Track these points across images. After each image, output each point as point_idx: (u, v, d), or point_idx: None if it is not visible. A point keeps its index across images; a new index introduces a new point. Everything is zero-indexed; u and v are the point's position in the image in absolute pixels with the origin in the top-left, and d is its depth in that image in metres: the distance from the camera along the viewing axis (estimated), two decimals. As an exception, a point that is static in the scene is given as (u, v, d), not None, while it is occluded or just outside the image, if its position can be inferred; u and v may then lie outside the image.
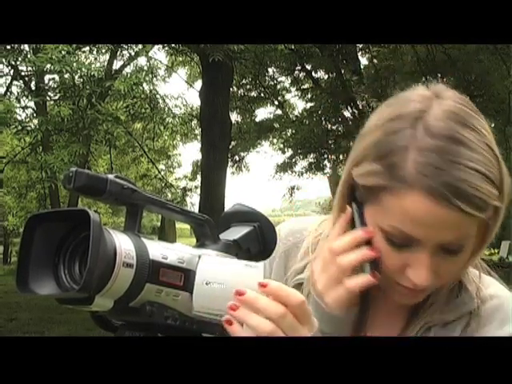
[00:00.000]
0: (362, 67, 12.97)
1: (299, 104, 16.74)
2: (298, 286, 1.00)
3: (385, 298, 0.97)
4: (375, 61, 12.42)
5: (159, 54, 18.30)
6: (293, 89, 14.77)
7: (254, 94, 14.44)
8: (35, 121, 9.20)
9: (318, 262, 0.95)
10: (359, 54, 13.06)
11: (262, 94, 14.36)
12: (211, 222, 0.79)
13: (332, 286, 0.92)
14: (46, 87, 9.82)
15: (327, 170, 14.75)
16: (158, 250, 0.70)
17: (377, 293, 0.95)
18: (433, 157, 0.81)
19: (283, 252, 1.04)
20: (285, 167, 14.83)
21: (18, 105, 9.69)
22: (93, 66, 8.40)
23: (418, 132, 0.83)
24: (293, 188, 15.39)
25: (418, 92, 0.89)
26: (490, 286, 1.01)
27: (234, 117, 14.42)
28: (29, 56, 8.18)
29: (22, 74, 10.52)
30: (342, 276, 0.91)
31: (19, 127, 8.72)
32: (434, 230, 0.84)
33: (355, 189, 0.91)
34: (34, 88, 10.51)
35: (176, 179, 19.91)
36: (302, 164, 14.57)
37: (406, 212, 0.84)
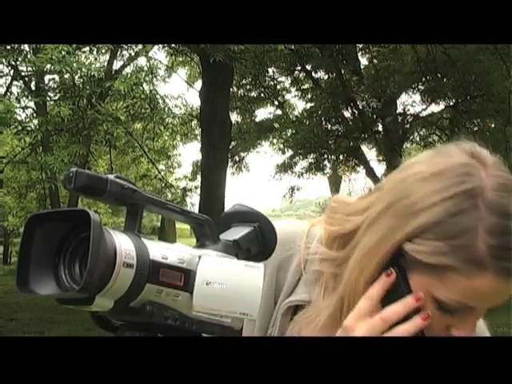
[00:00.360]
0: (362, 67, 12.97)
1: (299, 104, 16.74)
2: (289, 310, 0.99)
3: None
4: (375, 61, 12.42)
5: (159, 54, 18.30)
6: (293, 89, 14.77)
7: (254, 94, 14.44)
8: (35, 121, 9.21)
9: (363, 326, 0.88)
10: (359, 54, 13.06)
11: (262, 95, 14.36)
12: (211, 222, 0.79)
13: None
14: (46, 87, 9.82)
15: (327, 170, 14.75)
16: (158, 250, 0.70)
17: None
18: (504, 238, 0.82)
19: (274, 268, 1.01)
20: (285, 167, 14.83)
21: (18, 105, 9.69)
22: (93, 66, 8.40)
23: (482, 212, 0.82)
24: (293, 188, 15.39)
25: (459, 159, 0.87)
26: None
27: (234, 117, 14.43)
28: (29, 56, 8.19)
29: (22, 74, 10.52)
30: None
31: (19, 127, 8.72)
32: (488, 300, 0.86)
33: (399, 256, 0.88)
34: (34, 88, 10.51)
35: (176, 179, 19.90)
36: (301, 164, 14.58)
37: (473, 290, 0.83)
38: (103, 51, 10.72)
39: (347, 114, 13.01)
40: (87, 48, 9.38)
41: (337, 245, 0.97)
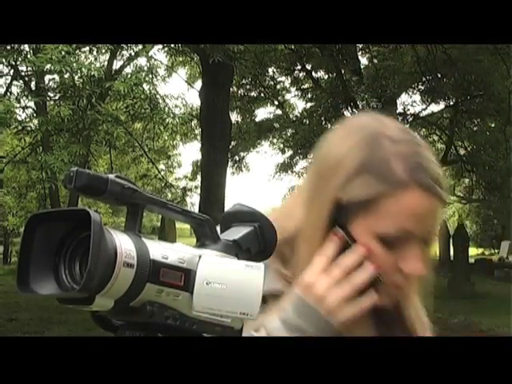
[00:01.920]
0: (362, 67, 12.97)
1: (299, 104, 16.74)
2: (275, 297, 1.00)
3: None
4: (375, 61, 12.42)
5: (159, 54, 18.30)
6: (293, 89, 14.78)
7: (254, 94, 14.45)
8: (35, 121, 9.20)
9: (324, 279, 0.96)
10: (359, 53, 13.06)
11: (262, 94, 14.36)
12: (211, 222, 0.79)
13: (346, 305, 0.95)
14: (46, 87, 9.82)
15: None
16: (158, 249, 0.70)
17: None
18: (413, 159, 0.96)
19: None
20: (285, 167, 14.84)
21: (18, 105, 9.69)
22: (92, 66, 8.39)
23: (387, 144, 0.97)
24: (293, 188, 15.38)
25: (363, 118, 1.05)
26: None
27: (234, 117, 14.43)
28: (29, 56, 8.18)
29: (22, 74, 10.52)
30: (355, 295, 0.95)
31: (19, 127, 8.71)
32: (426, 221, 0.96)
33: (336, 213, 0.98)
34: (34, 88, 10.51)
35: (176, 179, 19.91)
36: (302, 164, 14.59)
37: (406, 208, 0.94)
38: (103, 51, 10.71)
39: (347, 113, 13.01)
40: (87, 48, 9.38)
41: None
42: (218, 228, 0.84)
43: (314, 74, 13.45)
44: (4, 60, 8.41)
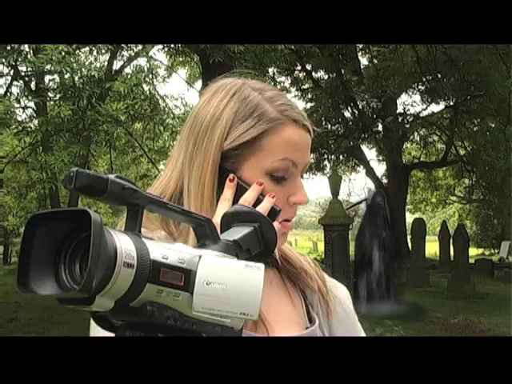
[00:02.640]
0: (362, 67, 12.97)
1: (299, 104, 16.71)
2: None
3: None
4: (375, 61, 12.42)
5: (159, 54, 18.27)
6: (293, 89, 14.79)
7: (254, 94, 14.41)
8: (35, 121, 9.20)
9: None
10: (359, 54, 13.07)
11: (262, 94, 14.33)
12: (211, 223, 0.80)
13: None
14: (46, 88, 9.82)
15: (327, 170, 14.76)
16: (158, 250, 0.70)
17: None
18: (280, 99, 1.08)
19: None
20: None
21: (18, 105, 9.69)
22: (93, 66, 8.39)
23: (254, 93, 1.09)
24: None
25: (226, 79, 1.15)
26: None
27: (234, 117, 14.37)
28: (29, 56, 8.18)
29: (22, 74, 10.52)
30: None
31: (19, 128, 8.71)
32: (304, 151, 1.08)
33: (224, 163, 1.06)
34: (34, 88, 10.51)
35: (176, 179, 19.86)
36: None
37: (287, 140, 1.06)
38: (103, 51, 10.71)
39: (347, 113, 13.02)
40: (87, 48, 9.38)
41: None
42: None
43: (314, 74, 13.46)
44: (4, 60, 8.40)
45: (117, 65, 12.99)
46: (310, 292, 1.17)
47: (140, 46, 9.07)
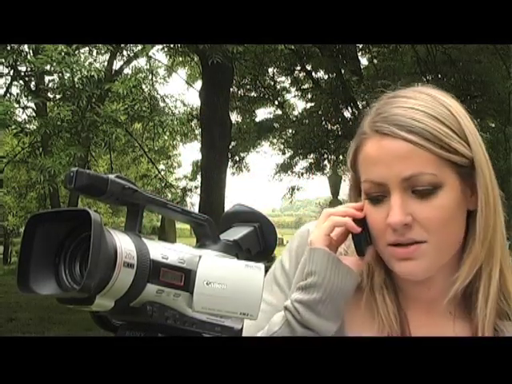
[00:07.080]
0: (361, 67, 12.97)
1: (299, 104, 16.73)
2: None
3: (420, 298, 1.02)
4: (375, 61, 12.42)
5: (159, 54, 18.29)
6: (293, 89, 14.76)
7: (253, 94, 14.43)
8: (35, 122, 9.18)
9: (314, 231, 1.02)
10: (359, 54, 13.05)
11: (262, 95, 14.35)
12: (211, 222, 0.80)
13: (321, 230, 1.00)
14: (46, 88, 9.81)
15: (327, 170, 14.75)
16: (158, 250, 0.70)
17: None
18: (376, 107, 0.99)
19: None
20: (285, 167, 14.82)
21: (18, 105, 9.67)
22: (92, 66, 8.38)
23: (374, 107, 1.02)
24: (293, 188, 15.37)
25: None
26: None
27: (234, 117, 14.42)
28: (29, 57, 8.17)
29: (22, 74, 10.50)
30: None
31: (18, 128, 8.70)
32: (386, 164, 0.94)
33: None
34: (33, 89, 10.50)
35: (176, 179, 19.87)
36: (302, 164, 14.57)
37: (364, 158, 0.97)
38: (103, 52, 10.70)
39: (347, 114, 13.01)
40: (86, 48, 9.37)
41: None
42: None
43: (313, 74, 13.44)
44: (4, 60, 8.40)
45: (116, 65, 12.97)
46: None
47: (140, 46, 9.05)
